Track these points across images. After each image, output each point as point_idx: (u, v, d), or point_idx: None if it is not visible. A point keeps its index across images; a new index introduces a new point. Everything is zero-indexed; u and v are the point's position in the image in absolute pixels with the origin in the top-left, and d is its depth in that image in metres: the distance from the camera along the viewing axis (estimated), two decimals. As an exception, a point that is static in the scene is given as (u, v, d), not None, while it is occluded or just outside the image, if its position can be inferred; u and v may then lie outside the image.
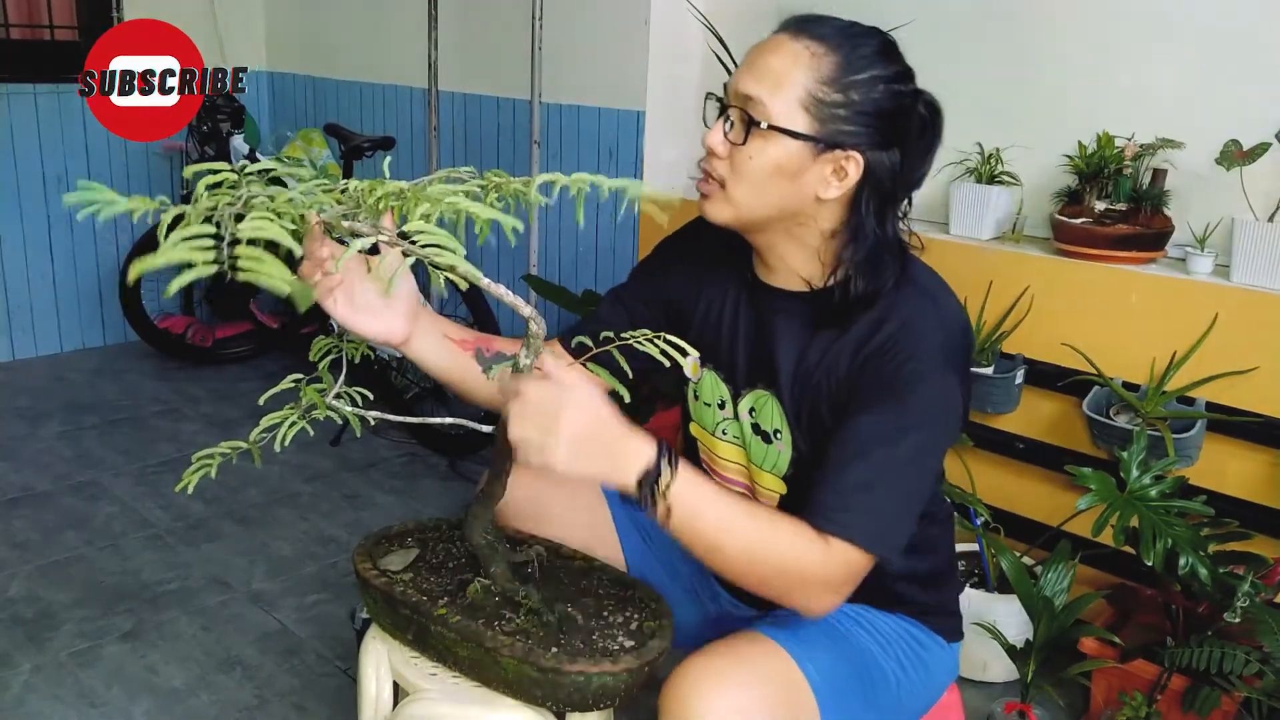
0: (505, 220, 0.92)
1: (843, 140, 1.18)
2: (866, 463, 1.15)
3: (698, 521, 1.12)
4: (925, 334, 1.18)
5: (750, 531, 1.13)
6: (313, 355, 1.27)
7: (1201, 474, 1.99)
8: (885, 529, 1.16)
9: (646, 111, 2.86)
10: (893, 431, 1.15)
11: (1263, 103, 2.00)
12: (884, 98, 1.19)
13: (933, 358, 1.17)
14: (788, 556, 1.14)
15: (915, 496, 1.19)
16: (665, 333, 1.13)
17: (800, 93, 1.17)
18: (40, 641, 2.14)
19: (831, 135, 1.18)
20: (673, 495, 1.11)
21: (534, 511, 1.48)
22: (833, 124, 1.18)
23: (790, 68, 1.18)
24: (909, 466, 1.17)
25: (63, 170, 3.76)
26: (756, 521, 1.14)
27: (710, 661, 1.17)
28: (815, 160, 1.19)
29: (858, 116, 1.18)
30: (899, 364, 1.17)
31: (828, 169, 1.20)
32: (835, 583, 1.16)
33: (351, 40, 3.82)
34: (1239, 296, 1.97)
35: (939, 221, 2.45)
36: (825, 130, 1.18)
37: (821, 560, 1.14)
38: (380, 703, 1.37)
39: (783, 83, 1.18)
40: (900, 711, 1.33)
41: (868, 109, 1.18)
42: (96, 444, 3.12)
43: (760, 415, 1.32)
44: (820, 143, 1.18)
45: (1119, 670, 1.87)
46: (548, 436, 1.08)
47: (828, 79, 1.17)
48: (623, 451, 1.11)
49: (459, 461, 3.09)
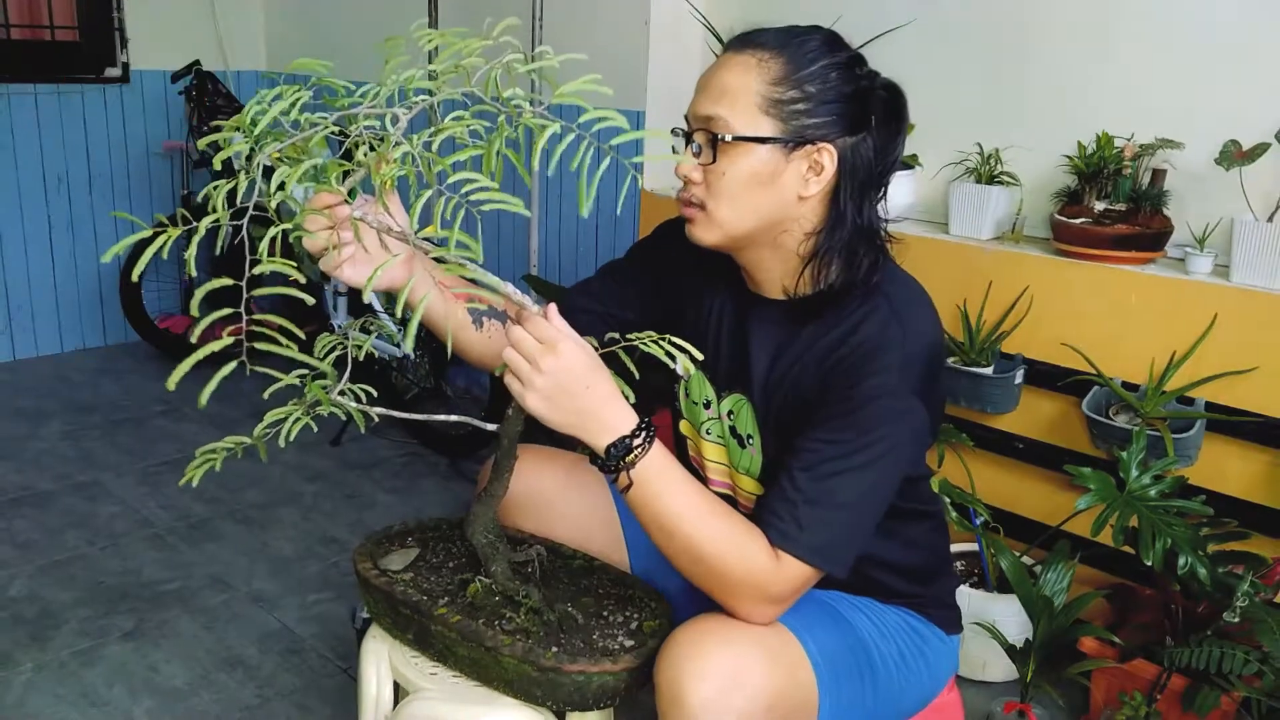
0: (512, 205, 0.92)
1: (810, 134, 1.20)
2: (816, 480, 1.16)
3: (656, 502, 1.16)
4: (886, 352, 1.19)
5: (705, 527, 1.15)
6: (317, 352, 1.27)
7: (1201, 474, 1.99)
8: (832, 544, 1.16)
9: (646, 112, 2.87)
10: (847, 450, 1.16)
11: (1262, 103, 2.00)
12: (840, 83, 1.21)
13: (889, 377, 1.18)
14: (735, 560, 1.15)
15: (867, 513, 1.20)
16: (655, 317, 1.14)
17: (756, 99, 1.19)
18: (42, 641, 2.15)
19: (797, 131, 1.19)
20: (637, 471, 1.15)
21: (539, 505, 1.48)
22: (795, 120, 1.19)
23: (741, 78, 1.20)
24: (860, 484, 1.17)
25: (63, 170, 3.77)
26: (715, 520, 1.16)
27: (707, 625, 1.17)
28: (788, 160, 1.20)
29: (819, 108, 1.20)
30: (856, 382, 1.18)
31: (803, 166, 1.21)
32: (777, 595, 1.17)
33: (352, 40, 3.82)
34: (1238, 296, 1.97)
35: (939, 221, 2.46)
36: (790, 128, 1.19)
37: (771, 572, 1.15)
38: (381, 702, 1.37)
39: (737, 94, 1.19)
40: (901, 700, 1.34)
41: (827, 97, 1.20)
42: (98, 444, 3.12)
43: (738, 419, 1.34)
44: (788, 142, 1.19)
45: (1118, 670, 1.87)
46: (533, 373, 1.13)
47: (779, 78, 1.19)
48: (600, 414, 1.15)
49: (460, 461, 3.09)
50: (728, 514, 1.18)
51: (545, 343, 1.12)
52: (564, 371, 1.13)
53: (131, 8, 3.82)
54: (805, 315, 1.26)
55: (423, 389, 3.18)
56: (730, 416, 1.35)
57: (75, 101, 3.76)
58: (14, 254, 3.72)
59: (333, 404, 1.16)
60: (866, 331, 1.20)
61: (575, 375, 1.13)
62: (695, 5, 2.80)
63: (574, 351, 1.13)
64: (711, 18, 2.76)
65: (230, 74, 4.09)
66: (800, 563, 1.15)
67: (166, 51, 3.85)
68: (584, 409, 1.15)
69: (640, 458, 1.15)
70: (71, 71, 3.75)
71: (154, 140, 3.94)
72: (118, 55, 3.82)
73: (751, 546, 1.15)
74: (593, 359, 1.15)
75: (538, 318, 1.13)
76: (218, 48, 4.05)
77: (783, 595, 1.17)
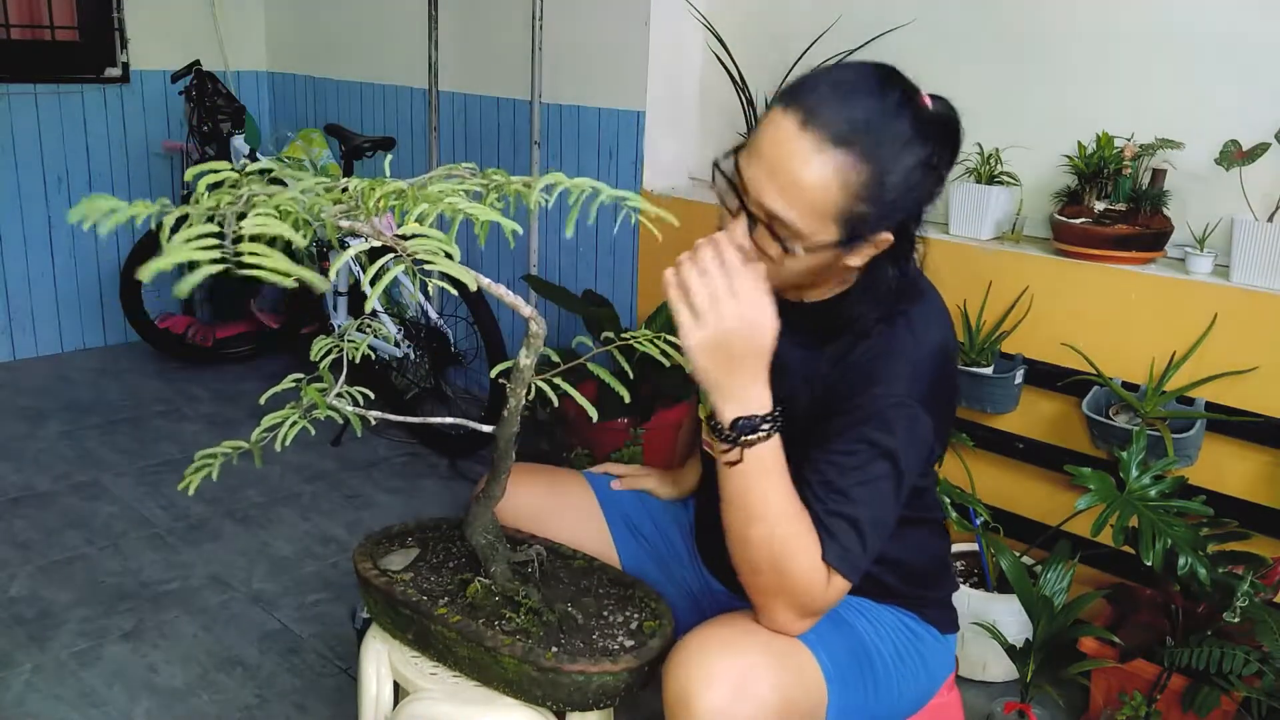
0: (505, 223, 0.92)
1: (874, 230, 1.17)
2: (839, 494, 1.16)
3: (756, 487, 1.14)
4: (895, 361, 1.19)
5: (789, 525, 1.15)
6: (313, 355, 1.27)
7: (1201, 474, 1.99)
8: (858, 556, 1.17)
9: (646, 111, 2.87)
10: (863, 461, 1.17)
11: (1262, 103, 2.00)
12: (919, 183, 1.15)
13: (898, 385, 1.18)
14: (801, 565, 1.15)
15: (884, 523, 1.20)
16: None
17: (834, 212, 1.12)
18: (41, 641, 2.14)
19: (867, 230, 1.16)
20: (753, 451, 1.13)
21: (531, 514, 1.50)
22: (863, 225, 1.15)
23: (823, 188, 1.11)
24: (877, 495, 1.17)
25: (63, 170, 3.77)
26: (798, 523, 1.16)
27: (714, 631, 1.18)
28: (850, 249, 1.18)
29: (888, 210, 1.15)
30: (866, 390, 1.18)
31: (866, 249, 1.19)
32: (818, 609, 1.18)
33: (351, 40, 3.82)
34: (1238, 296, 1.97)
35: (939, 221, 2.45)
36: (860, 229, 1.15)
37: (823, 585, 1.16)
38: (381, 702, 1.37)
39: (814, 204, 1.12)
40: (899, 700, 1.34)
41: (898, 196, 1.14)
42: (97, 444, 3.12)
43: None
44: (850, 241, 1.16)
45: (1118, 670, 1.87)
46: (712, 315, 1.10)
47: (864, 193, 1.12)
48: (748, 387, 1.13)
49: (459, 461, 3.09)
50: (809, 521, 1.17)
51: (739, 292, 1.10)
52: (745, 329, 1.11)
53: (131, 8, 3.81)
54: (820, 321, 1.26)
55: (422, 389, 3.18)
56: None
57: (75, 101, 3.76)
58: (14, 254, 3.72)
59: (329, 407, 1.16)
60: (880, 341, 1.21)
61: (751, 340, 1.12)
62: (695, 5, 2.79)
63: (765, 314, 1.11)
64: (711, 18, 2.76)
65: (230, 74, 4.09)
66: (844, 580, 1.17)
67: (166, 51, 3.85)
68: (737, 371, 1.13)
69: (762, 440, 1.14)
70: (71, 71, 3.75)
71: (154, 140, 3.94)
72: (118, 55, 3.82)
73: (817, 558, 1.15)
74: (774, 329, 1.13)
75: (733, 250, 1.10)
76: (218, 48, 4.05)
77: (820, 609, 1.19)
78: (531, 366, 1.17)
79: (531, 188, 1.01)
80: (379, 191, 0.99)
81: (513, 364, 1.17)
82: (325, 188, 1.02)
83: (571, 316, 2.96)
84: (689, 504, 1.61)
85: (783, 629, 1.19)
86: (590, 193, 1.02)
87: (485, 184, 1.03)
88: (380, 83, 3.72)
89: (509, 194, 1.03)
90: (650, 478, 1.61)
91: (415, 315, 3.13)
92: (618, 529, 1.55)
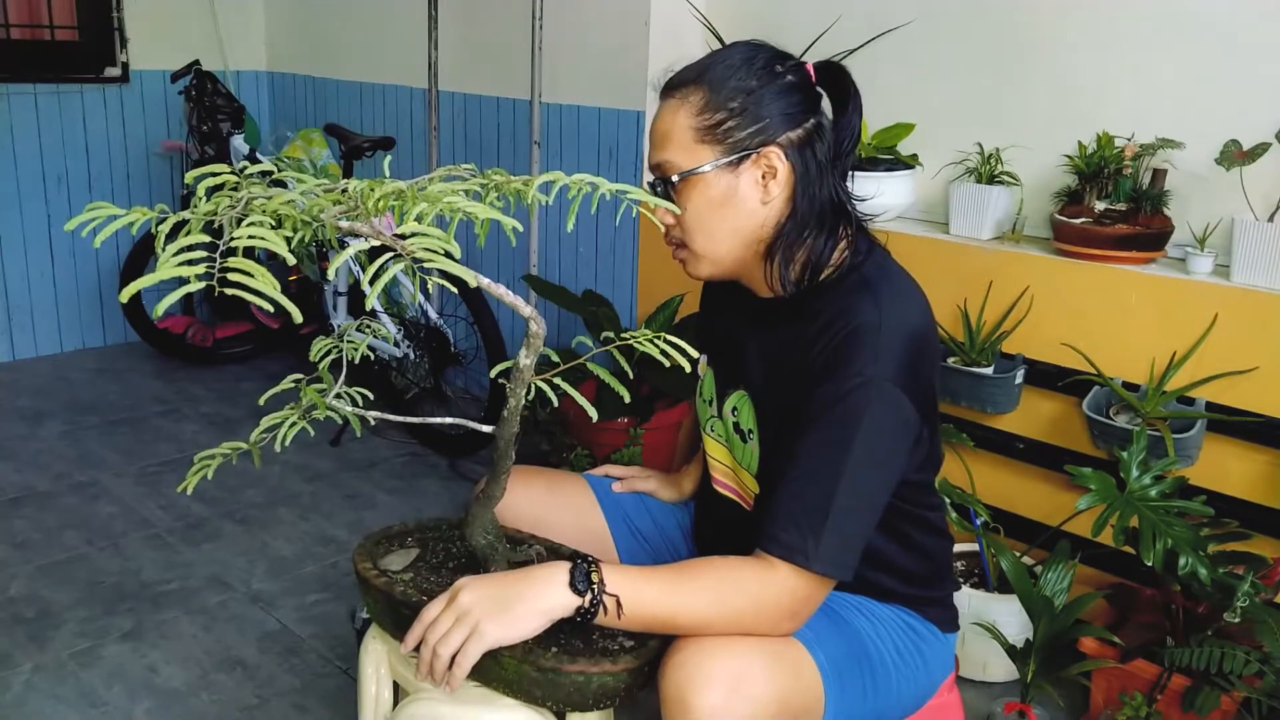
0: (505, 220, 0.92)
1: (748, 144, 1.23)
2: (806, 483, 1.17)
3: (643, 597, 1.16)
4: (861, 342, 1.19)
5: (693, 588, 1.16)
6: (313, 355, 1.27)
7: (1201, 474, 1.99)
8: (829, 547, 1.16)
9: (647, 112, 2.86)
10: (838, 451, 1.16)
11: (1263, 103, 2.00)
12: (762, 87, 1.23)
13: (865, 367, 1.18)
14: (735, 596, 1.16)
15: (867, 511, 1.20)
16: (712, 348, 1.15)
17: (689, 134, 1.24)
18: (41, 641, 2.14)
19: (736, 147, 1.23)
20: (609, 584, 1.15)
21: (531, 514, 1.50)
22: (730, 138, 1.23)
23: (671, 119, 1.25)
24: (856, 483, 1.17)
25: (63, 170, 3.77)
26: (694, 577, 1.17)
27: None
28: (738, 176, 1.24)
29: (748, 118, 1.23)
30: (835, 374, 1.18)
31: (756, 174, 1.25)
32: (788, 606, 1.18)
33: (351, 40, 3.82)
34: (1239, 296, 1.97)
35: (939, 221, 2.45)
36: (728, 146, 1.23)
37: (765, 586, 1.16)
38: (380, 702, 1.37)
39: (672, 135, 1.25)
40: (898, 699, 1.34)
41: (753, 105, 1.23)
42: (97, 444, 3.12)
43: (740, 415, 1.36)
44: (730, 159, 1.23)
45: (1119, 670, 1.87)
46: (466, 619, 1.15)
47: (703, 107, 1.24)
48: (533, 579, 1.17)
49: (459, 461, 3.09)
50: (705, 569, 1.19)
51: (448, 605, 1.17)
52: (479, 590, 1.17)
53: (131, 8, 3.81)
54: (791, 311, 1.28)
55: (422, 389, 3.18)
56: (734, 413, 1.37)
57: (75, 101, 3.76)
58: (14, 254, 3.72)
59: (329, 407, 1.15)
60: (845, 322, 1.21)
61: (486, 583, 1.18)
62: (695, 5, 2.79)
63: (468, 582, 1.18)
64: (711, 18, 2.76)
65: (230, 74, 4.09)
66: (799, 570, 1.16)
67: (166, 51, 3.85)
68: (518, 587, 1.17)
69: (598, 570, 1.16)
70: (71, 71, 3.75)
71: (154, 140, 3.94)
72: (117, 55, 3.82)
73: (740, 575, 1.17)
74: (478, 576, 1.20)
75: (424, 611, 1.19)
76: (218, 48, 4.05)
77: (794, 605, 1.18)
78: (531, 366, 1.17)
79: (530, 185, 1.01)
80: (379, 192, 0.99)
81: (512, 364, 1.17)
82: (325, 188, 1.02)
83: (571, 316, 2.96)
84: (689, 505, 1.61)
85: (788, 634, 1.20)
86: (589, 188, 1.02)
87: (485, 183, 1.03)
88: (380, 83, 3.72)
89: (508, 193, 1.03)
90: (651, 480, 1.61)
91: (415, 315, 3.13)
92: (618, 530, 1.55)
